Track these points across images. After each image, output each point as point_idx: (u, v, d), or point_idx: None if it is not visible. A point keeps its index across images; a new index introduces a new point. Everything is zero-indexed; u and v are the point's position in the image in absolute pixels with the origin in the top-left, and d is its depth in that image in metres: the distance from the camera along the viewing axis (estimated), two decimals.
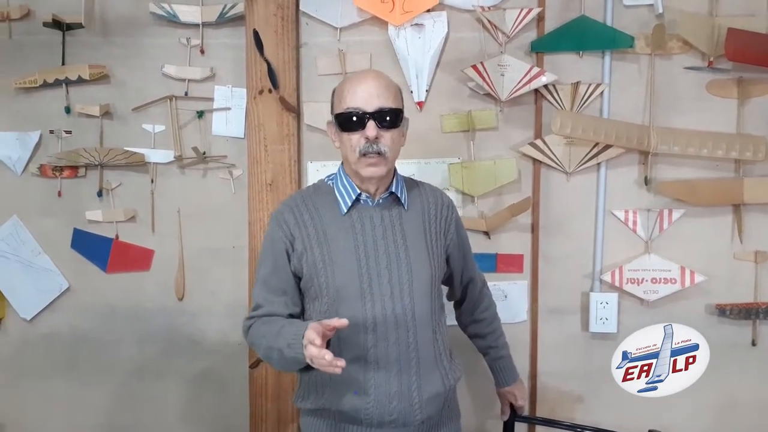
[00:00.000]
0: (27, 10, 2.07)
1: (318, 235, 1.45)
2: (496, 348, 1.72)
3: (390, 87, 1.43)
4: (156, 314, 2.13)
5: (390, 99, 1.41)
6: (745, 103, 1.98)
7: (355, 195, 1.46)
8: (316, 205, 1.49)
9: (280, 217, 1.49)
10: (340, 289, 1.42)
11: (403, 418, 1.41)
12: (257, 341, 1.45)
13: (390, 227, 1.46)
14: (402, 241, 1.46)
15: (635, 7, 1.97)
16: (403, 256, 1.44)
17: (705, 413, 2.06)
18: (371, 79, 1.41)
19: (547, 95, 1.99)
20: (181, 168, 2.10)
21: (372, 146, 1.38)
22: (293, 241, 1.46)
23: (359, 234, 1.44)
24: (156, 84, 2.07)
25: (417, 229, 1.49)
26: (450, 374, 1.50)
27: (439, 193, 1.59)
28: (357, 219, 1.46)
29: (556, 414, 2.05)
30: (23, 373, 2.18)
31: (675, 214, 2.00)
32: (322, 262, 1.43)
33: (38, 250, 2.13)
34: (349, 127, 1.40)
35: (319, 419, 1.49)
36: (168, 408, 2.17)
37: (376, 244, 1.44)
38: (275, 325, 1.40)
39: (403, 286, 1.43)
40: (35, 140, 2.10)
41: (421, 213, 1.52)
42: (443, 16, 1.99)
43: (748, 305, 2.01)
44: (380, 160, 1.40)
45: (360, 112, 1.38)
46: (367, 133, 1.37)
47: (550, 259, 2.05)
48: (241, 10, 2.01)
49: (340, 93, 1.43)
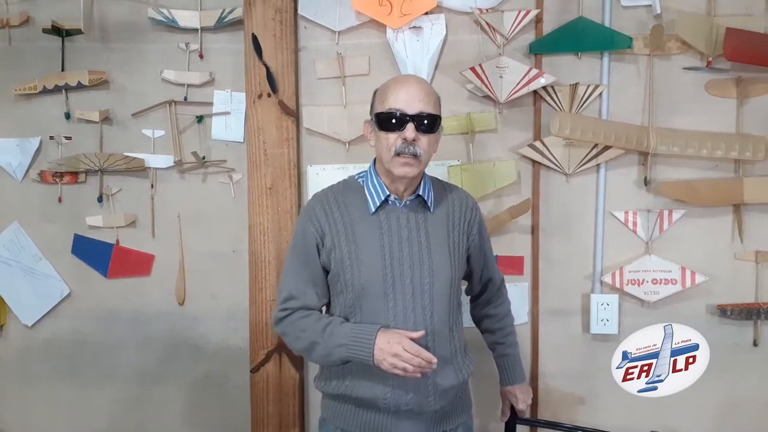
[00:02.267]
0: (26, 16, 2.08)
1: (347, 233, 1.50)
2: (503, 345, 1.75)
3: (431, 94, 1.48)
4: (157, 319, 2.14)
5: (431, 105, 1.46)
6: (744, 102, 1.98)
7: (384, 196, 1.51)
8: (346, 202, 1.54)
9: (311, 212, 1.54)
10: (365, 286, 1.48)
11: (418, 407, 1.48)
12: (294, 333, 1.52)
13: (415, 229, 1.52)
14: (426, 243, 1.51)
15: (633, 8, 1.97)
16: (426, 258, 1.50)
17: (706, 414, 2.05)
18: (415, 84, 1.47)
19: (546, 97, 1.99)
20: (181, 173, 2.10)
21: (409, 147, 1.43)
22: (323, 237, 1.51)
23: (386, 234, 1.50)
24: (155, 89, 2.07)
25: (441, 232, 1.54)
26: (464, 368, 1.57)
27: (464, 196, 1.64)
28: (384, 219, 1.51)
29: (558, 416, 2.05)
30: (25, 379, 2.18)
31: (675, 215, 2.00)
32: (349, 260, 1.49)
33: (39, 256, 2.13)
34: (389, 126, 1.44)
35: (340, 403, 1.56)
36: (170, 412, 2.17)
37: (401, 245, 1.49)
38: (318, 321, 1.49)
39: (424, 287, 1.49)
40: (35, 146, 2.11)
41: (446, 215, 1.57)
42: (441, 18, 1.99)
43: (749, 305, 2.00)
44: (414, 162, 1.45)
45: (401, 113, 1.43)
46: (406, 134, 1.42)
47: (550, 260, 2.04)
48: (239, 14, 2.01)
49: (383, 93, 1.48)
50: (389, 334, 1.41)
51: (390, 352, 1.38)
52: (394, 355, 1.38)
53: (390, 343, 1.39)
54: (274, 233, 2.01)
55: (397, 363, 1.38)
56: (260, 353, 2.03)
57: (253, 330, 2.04)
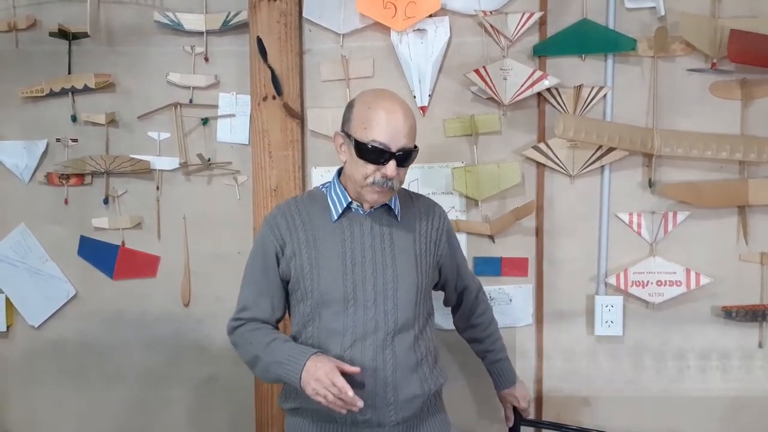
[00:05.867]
0: (33, 20, 2.09)
1: (308, 240, 1.48)
2: (493, 351, 1.75)
3: (413, 125, 1.43)
4: (162, 320, 2.14)
5: (412, 137, 1.42)
6: (748, 104, 1.97)
7: (347, 203, 1.49)
8: (308, 210, 1.52)
9: (272, 221, 1.53)
10: (324, 293, 1.45)
11: (377, 418, 1.44)
12: (243, 345, 1.51)
13: (379, 235, 1.49)
14: (390, 249, 1.49)
15: (637, 10, 1.97)
16: (390, 263, 1.47)
17: (711, 416, 2.04)
18: (401, 115, 1.40)
19: (550, 99, 1.99)
20: (187, 175, 2.11)
21: (387, 182, 1.40)
22: (284, 246, 1.49)
23: (348, 240, 1.47)
24: (161, 92, 2.08)
25: (406, 239, 1.52)
26: (430, 379, 1.51)
27: (431, 204, 1.62)
28: (347, 226, 1.49)
29: (562, 417, 2.05)
30: (31, 380, 2.19)
31: (679, 216, 2.00)
32: (309, 266, 1.46)
33: (45, 258, 2.15)
34: (369, 158, 1.40)
35: (299, 418, 1.54)
36: (174, 413, 2.17)
37: (364, 251, 1.47)
38: (265, 335, 1.47)
39: (387, 293, 1.46)
40: (42, 149, 2.12)
41: (412, 223, 1.54)
42: (445, 21, 2.00)
43: (755, 307, 1.99)
44: (389, 193, 1.45)
45: (384, 149, 1.38)
46: (387, 172, 1.39)
47: (554, 262, 2.04)
48: (244, 17, 2.02)
49: (366, 118, 1.40)
50: (321, 360, 1.35)
51: (314, 377, 1.32)
52: (316, 380, 1.32)
53: (317, 367, 1.33)
54: None
55: (319, 389, 1.31)
56: None
57: None
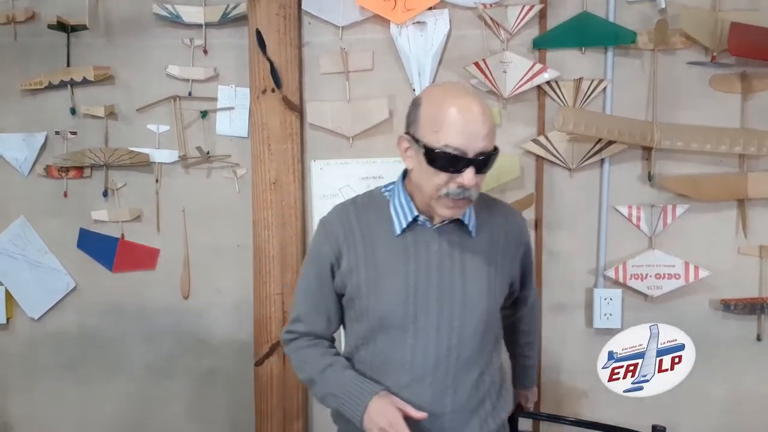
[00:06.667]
0: (32, 12, 2.09)
1: (366, 255, 1.32)
2: (527, 357, 1.69)
3: (493, 124, 1.22)
4: (162, 313, 2.15)
5: (492, 139, 1.22)
6: (748, 97, 1.97)
7: (412, 217, 1.32)
8: (369, 219, 1.35)
9: (329, 228, 1.38)
10: (382, 317, 1.31)
11: None
12: (298, 363, 1.42)
13: (448, 255, 1.31)
14: (460, 272, 1.32)
15: (637, 3, 1.97)
16: (459, 289, 1.31)
17: (710, 408, 2.05)
18: (479, 115, 1.19)
19: (550, 92, 1.99)
20: (186, 167, 2.11)
21: (464, 192, 1.21)
22: (340, 258, 1.35)
23: (412, 259, 1.31)
24: (160, 84, 2.08)
25: (479, 259, 1.34)
26: (491, 418, 1.38)
27: (511, 213, 1.46)
28: (411, 242, 1.32)
29: (561, 410, 2.06)
30: (31, 372, 2.20)
31: (679, 210, 2.00)
32: (366, 286, 1.32)
33: (45, 250, 2.15)
34: (442, 166, 1.20)
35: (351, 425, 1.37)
36: (174, 405, 2.18)
37: (429, 272, 1.30)
38: (321, 357, 1.37)
39: (453, 323, 1.30)
40: (41, 141, 2.12)
41: (488, 239, 1.36)
42: (445, 13, 1.99)
43: (753, 300, 2.00)
44: (465, 204, 1.26)
45: (460, 155, 1.19)
46: (465, 181, 1.20)
47: (553, 255, 2.05)
48: (243, 10, 2.02)
49: (437, 119, 1.20)
50: (385, 405, 1.25)
51: (377, 425, 1.23)
52: (380, 429, 1.23)
53: (380, 414, 1.23)
54: (278, 228, 2.02)
55: None
56: (264, 347, 2.04)
57: (257, 324, 2.05)
